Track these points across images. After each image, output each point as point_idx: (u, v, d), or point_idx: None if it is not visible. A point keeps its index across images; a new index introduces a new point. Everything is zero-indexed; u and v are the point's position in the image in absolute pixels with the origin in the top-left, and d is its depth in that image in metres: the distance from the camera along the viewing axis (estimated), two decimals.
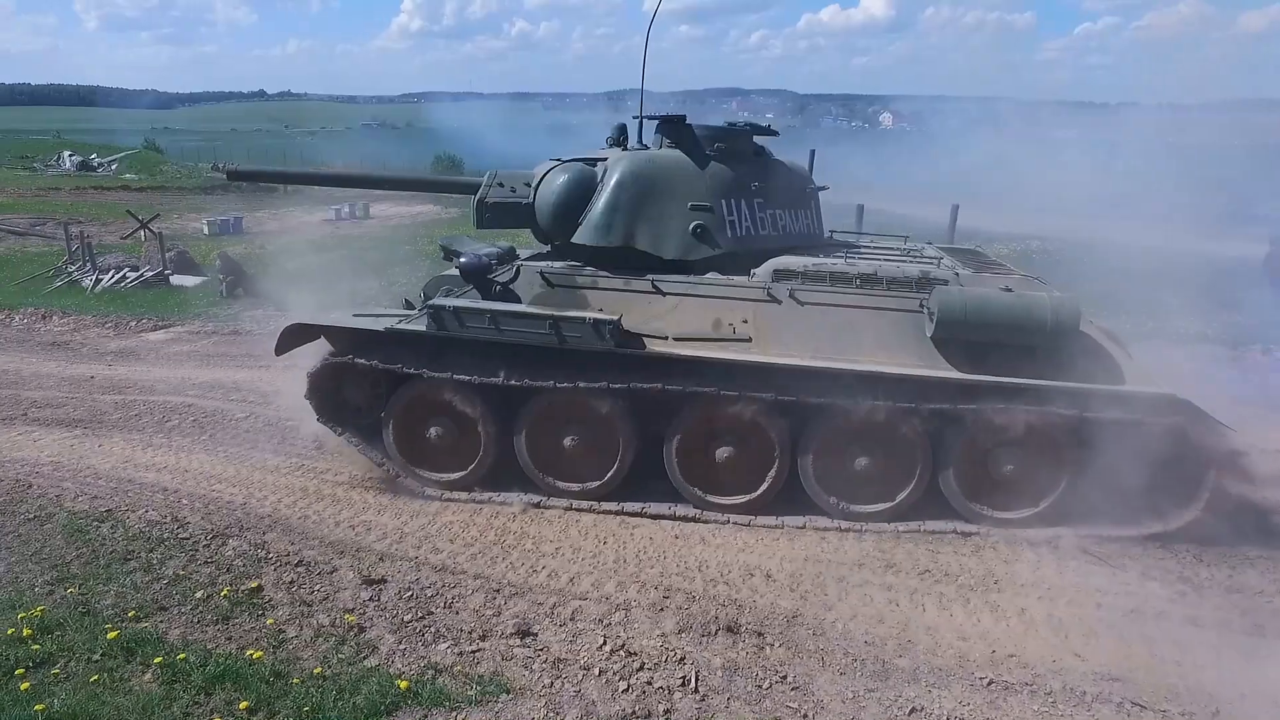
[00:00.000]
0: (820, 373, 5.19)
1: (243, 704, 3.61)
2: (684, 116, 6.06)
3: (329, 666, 3.94)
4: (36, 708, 3.49)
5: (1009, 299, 5.16)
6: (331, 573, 4.84)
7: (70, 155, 39.69)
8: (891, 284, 5.42)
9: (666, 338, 5.38)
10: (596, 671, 4.00)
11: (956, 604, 4.70)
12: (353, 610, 4.44)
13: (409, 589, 4.68)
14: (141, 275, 13.88)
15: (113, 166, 38.04)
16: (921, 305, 5.29)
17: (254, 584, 4.64)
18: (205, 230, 19.82)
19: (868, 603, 4.69)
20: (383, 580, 4.76)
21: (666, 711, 3.76)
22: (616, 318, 5.28)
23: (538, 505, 5.73)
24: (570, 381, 5.37)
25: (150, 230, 15.96)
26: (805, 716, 3.77)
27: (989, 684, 4.00)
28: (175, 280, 14.01)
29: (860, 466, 5.43)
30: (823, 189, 6.82)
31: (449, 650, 4.13)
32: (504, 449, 5.73)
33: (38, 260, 15.77)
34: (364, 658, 4.04)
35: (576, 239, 5.86)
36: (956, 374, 5.18)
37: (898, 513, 5.53)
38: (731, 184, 5.90)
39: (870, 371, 5.17)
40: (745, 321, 5.40)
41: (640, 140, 6.28)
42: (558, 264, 5.86)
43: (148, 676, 3.81)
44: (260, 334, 10.00)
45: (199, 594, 4.53)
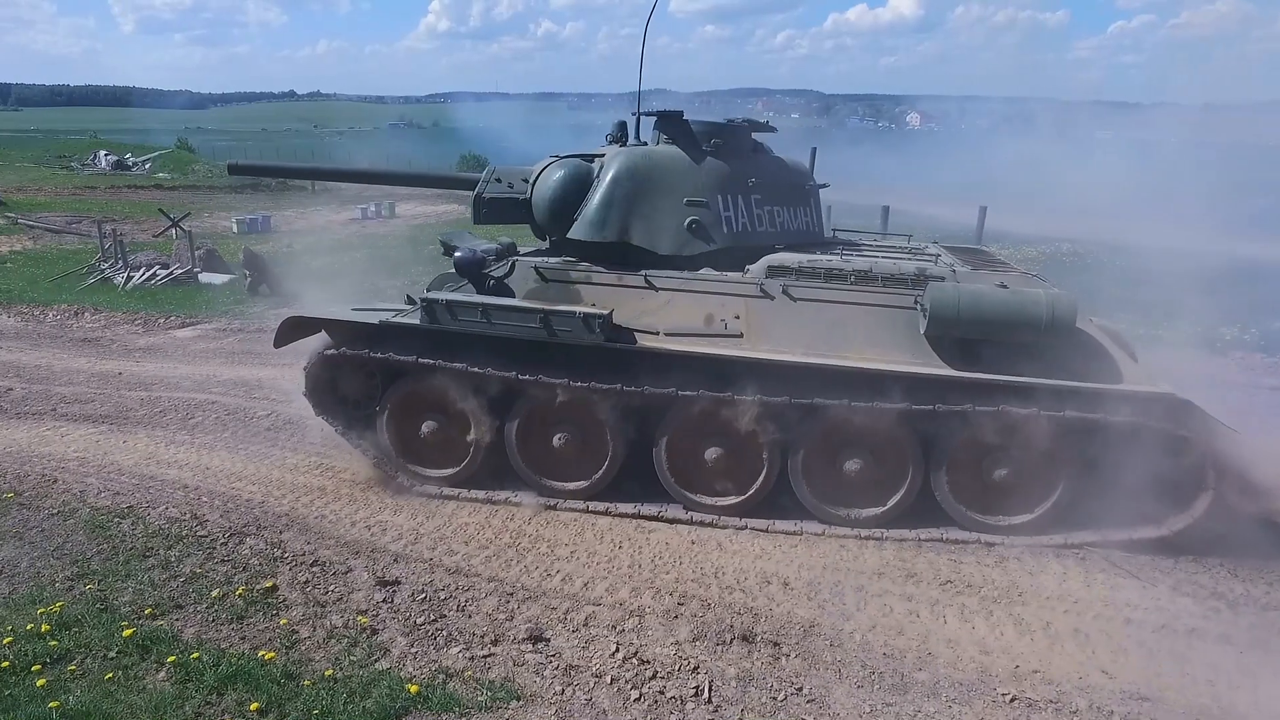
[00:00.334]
0: (807, 369, 5.13)
1: (253, 705, 3.61)
2: (681, 112, 6.01)
3: (340, 668, 3.93)
4: (51, 705, 3.52)
5: (1004, 295, 5.04)
6: (346, 573, 4.84)
7: (106, 155, 40.51)
8: (887, 281, 5.32)
9: (658, 333, 5.35)
10: (608, 679, 3.95)
11: (979, 616, 4.58)
12: (366, 612, 4.43)
13: (423, 591, 4.66)
14: (171, 273, 14.09)
15: (146, 166, 38.76)
16: (916, 302, 5.19)
17: (269, 583, 4.65)
18: (234, 229, 20.09)
19: (887, 613, 4.59)
20: (397, 582, 4.75)
21: None
22: (606, 312, 5.26)
23: (552, 507, 5.69)
24: (558, 377, 5.34)
25: (181, 228, 16.23)
26: None
27: (1012, 700, 3.89)
28: (203, 278, 14.20)
29: (851, 469, 5.34)
30: (823, 186, 6.74)
31: (460, 654, 4.11)
32: (497, 445, 5.73)
33: (73, 257, 16.07)
34: (375, 660, 4.03)
35: (572, 234, 5.83)
36: (945, 371, 5.08)
37: (888, 518, 5.43)
38: (728, 180, 5.84)
39: (858, 368, 5.09)
40: (737, 317, 5.34)
41: (637, 136, 6.23)
42: (553, 259, 5.84)
43: (161, 675, 3.83)
44: None
45: (214, 592, 4.55)
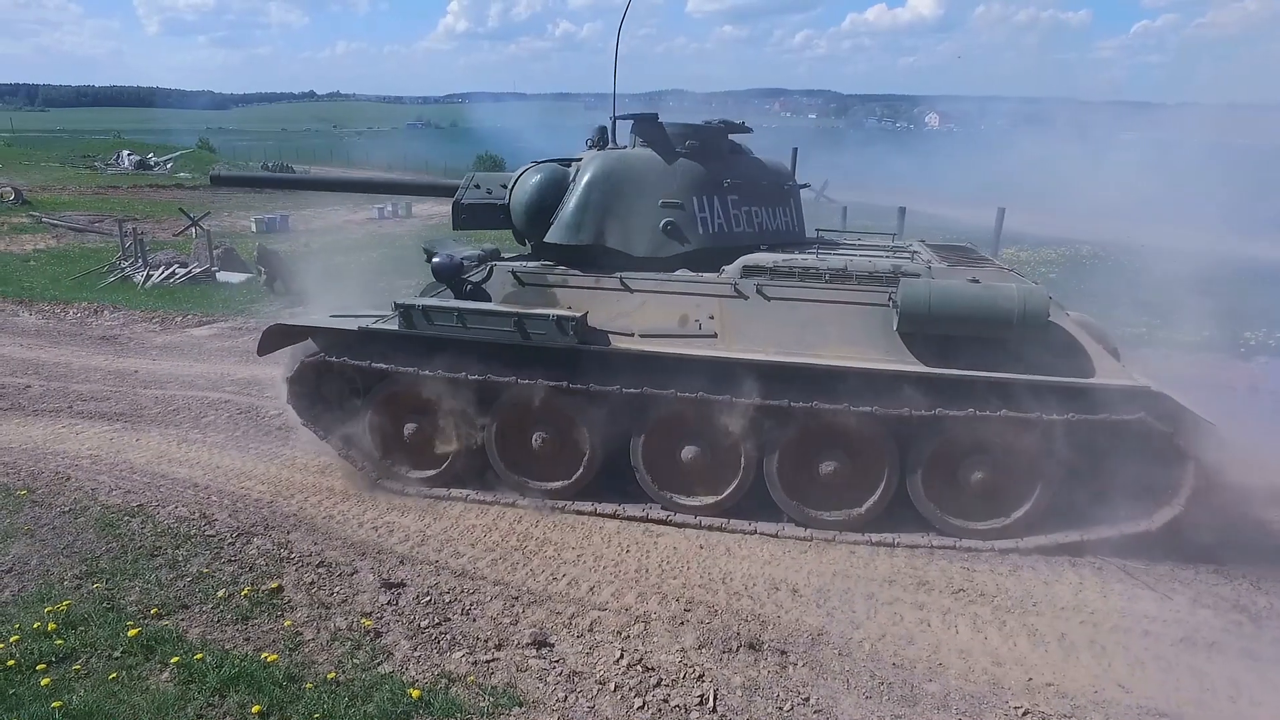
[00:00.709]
0: (778, 368, 5.11)
1: (255, 708, 3.59)
2: (656, 115, 6.02)
3: (343, 671, 3.91)
4: (54, 704, 3.52)
5: (975, 290, 4.98)
6: (352, 574, 4.83)
7: (129, 155, 41.06)
8: (862, 279, 5.28)
9: (633, 334, 5.35)
10: (612, 686, 3.90)
11: (992, 626, 4.49)
12: (370, 614, 4.41)
13: (427, 594, 4.64)
14: (189, 272, 14.23)
15: (168, 165, 39.23)
16: (890, 299, 5.14)
17: (275, 584, 4.65)
18: (253, 228, 20.26)
19: (897, 622, 4.51)
20: (402, 584, 4.73)
21: None
22: (579, 314, 5.28)
23: (560, 509, 5.67)
24: (535, 379, 5.36)
25: (200, 227, 16.38)
26: None
27: (1024, 714, 3.80)
28: (221, 277, 14.33)
29: (826, 470, 5.30)
30: (804, 186, 6.77)
31: (464, 659, 4.07)
32: (477, 447, 5.75)
33: (94, 256, 16.27)
34: (378, 664, 4.00)
35: (549, 238, 5.88)
36: (913, 367, 5.03)
37: (863, 521, 5.37)
38: (704, 181, 5.84)
39: (827, 366, 5.06)
40: (711, 318, 5.33)
41: (613, 139, 6.24)
42: (531, 263, 5.87)
43: (165, 676, 3.82)
44: None
45: (220, 593, 4.55)
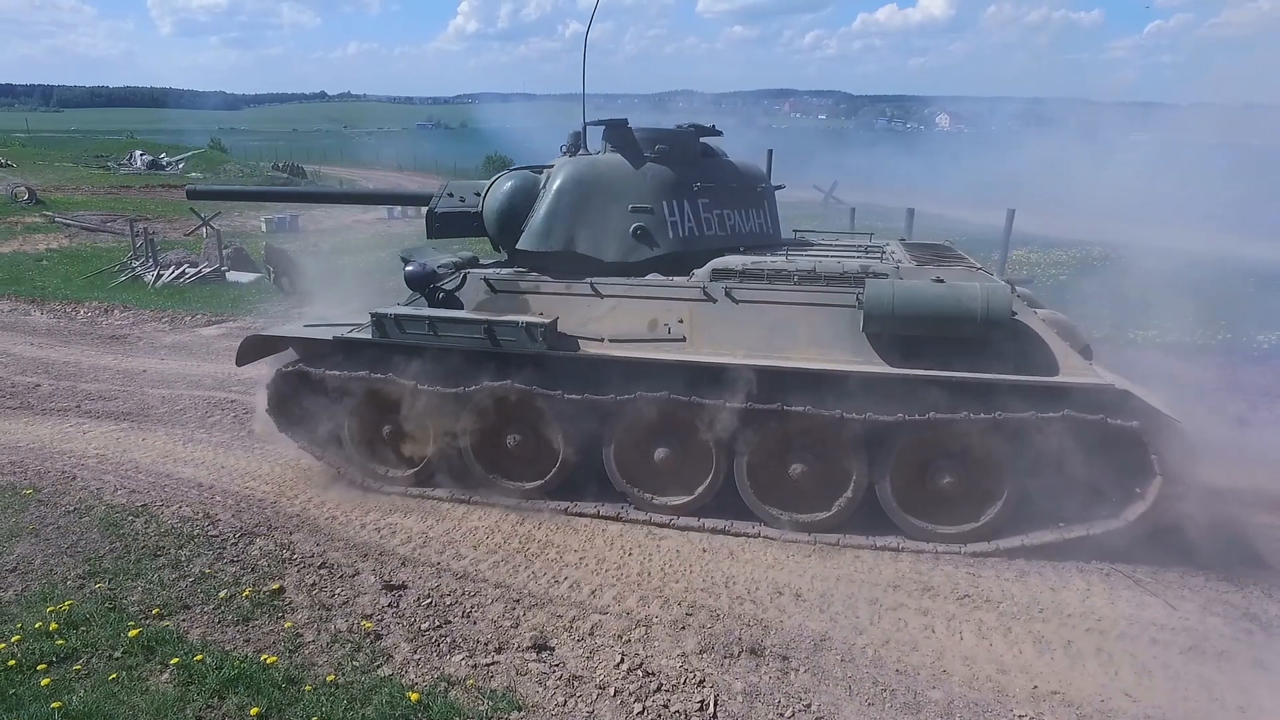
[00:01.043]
0: (744, 370, 5.11)
1: (254, 710, 3.59)
2: (625, 120, 6.03)
3: (342, 674, 3.90)
4: (54, 705, 3.52)
5: (939, 290, 4.95)
6: (353, 576, 4.83)
7: (141, 155, 41.35)
8: (830, 280, 5.27)
9: (603, 339, 5.37)
10: (612, 691, 3.87)
11: (997, 633, 4.43)
12: (371, 616, 4.41)
13: (428, 596, 4.63)
14: (199, 271, 14.30)
15: (179, 165, 39.47)
16: (858, 300, 5.12)
17: (276, 585, 4.65)
18: (263, 228, 20.36)
19: (901, 628, 4.47)
20: (403, 586, 4.72)
21: None
22: (548, 320, 5.30)
23: (566, 511, 5.67)
24: (506, 383, 5.41)
25: (211, 227, 16.47)
26: None
27: None
28: (231, 276, 14.40)
29: (796, 472, 5.29)
30: (778, 188, 6.78)
31: (463, 662, 4.06)
32: (452, 448, 5.79)
33: (106, 255, 16.39)
34: (378, 666, 3.99)
35: (521, 245, 5.91)
36: (876, 368, 5.01)
37: (835, 523, 5.35)
38: (673, 185, 5.84)
39: (794, 368, 5.06)
40: (681, 321, 5.33)
41: (585, 145, 6.25)
42: (504, 270, 5.90)
43: (165, 677, 3.82)
44: None
45: (222, 593, 4.56)
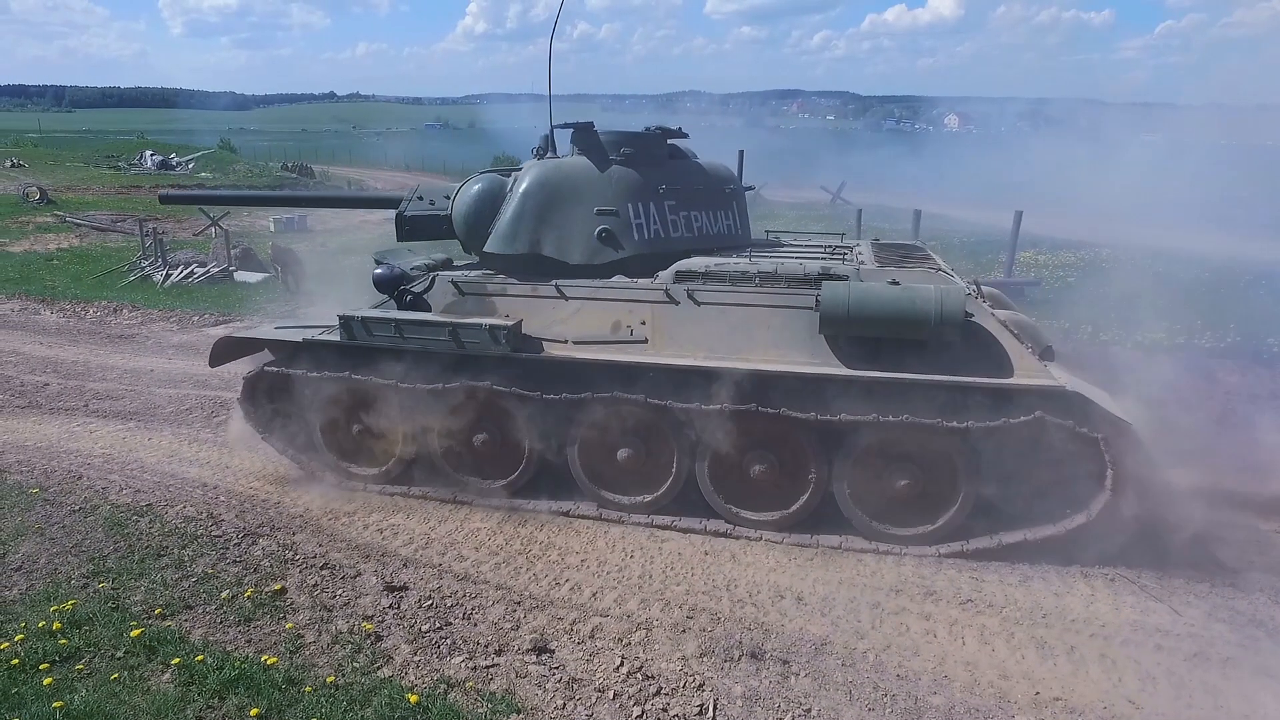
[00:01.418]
0: (699, 372, 5.16)
1: (254, 711, 3.60)
2: (591, 124, 6.05)
3: (342, 675, 3.91)
4: (55, 705, 3.54)
5: (893, 292, 4.96)
6: (355, 577, 4.84)
7: (151, 155, 41.55)
8: (791, 281, 5.29)
9: (566, 341, 5.41)
10: (611, 695, 3.87)
11: (1000, 638, 4.41)
12: (372, 617, 4.42)
13: (429, 597, 4.64)
14: (208, 271, 14.37)
15: (189, 165, 39.66)
16: (817, 302, 5.13)
17: (278, 586, 4.67)
18: (272, 227, 20.43)
19: (903, 633, 4.45)
20: (404, 587, 4.73)
21: None
22: (512, 323, 5.34)
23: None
24: (459, 381, 5.46)
25: (220, 227, 16.54)
26: None
27: None
28: (239, 276, 14.46)
29: (756, 471, 5.33)
30: (749, 189, 6.77)
31: (463, 664, 4.06)
32: (421, 446, 5.84)
33: (116, 255, 16.48)
34: (378, 668, 4.00)
35: (487, 248, 5.94)
36: (831, 369, 5.05)
37: (793, 521, 5.39)
38: (639, 187, 5.86)
39: (750, 370, 5.09)
40: (643, 323, 5.36)
41: (553, 148, 6.27)
42: (472, 273, 5.94)
43: (166, 677, 3.84)
44: None
45: (224, 594, 4.58)
